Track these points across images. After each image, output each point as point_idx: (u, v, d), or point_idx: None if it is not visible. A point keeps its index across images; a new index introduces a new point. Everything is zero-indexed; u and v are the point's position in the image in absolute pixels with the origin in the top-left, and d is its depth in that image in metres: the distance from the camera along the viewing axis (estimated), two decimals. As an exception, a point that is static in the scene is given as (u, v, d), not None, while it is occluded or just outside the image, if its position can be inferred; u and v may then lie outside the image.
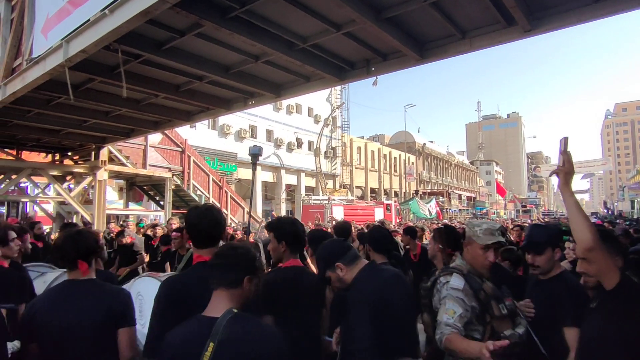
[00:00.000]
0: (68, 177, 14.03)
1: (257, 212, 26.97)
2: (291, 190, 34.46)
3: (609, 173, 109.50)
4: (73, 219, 13.31)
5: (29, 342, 2.09)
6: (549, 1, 5.07)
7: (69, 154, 13.79)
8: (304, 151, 35.28)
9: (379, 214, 25.53)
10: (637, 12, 5.14)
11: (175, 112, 10.04)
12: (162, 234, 7.37)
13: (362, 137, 49.51)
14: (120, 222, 12.11)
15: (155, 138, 18.21)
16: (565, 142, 1.90)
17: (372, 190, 44.01)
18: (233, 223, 17.49)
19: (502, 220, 24.50)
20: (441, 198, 42.09)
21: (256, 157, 5.65)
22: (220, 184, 21.05)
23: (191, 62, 6.94)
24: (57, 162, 13.73)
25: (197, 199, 18.66)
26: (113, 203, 18.71)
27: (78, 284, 2.15)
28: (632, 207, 43.44)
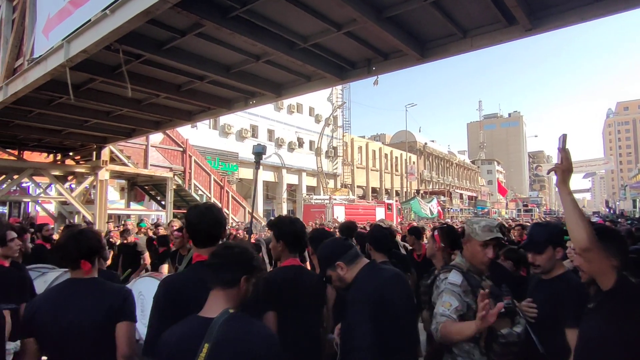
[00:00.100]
0: (69, 177, 14.06)
1: (259, 211, 26.99)
2: (292, 189, 34.44)
3: (611, 172, 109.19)
4: (75, 219, 13.34)
5: (28, 339, 2.06)
6: (549, 0, 5.06)
7: (71, 154, 13.83)
8: (305, 151, 35.26)
9: (380, 214, 25.47)
10: (638, 11, 5.12)
11: (176, 112, 10.06)
12: (160, 235, 7.35)
13: (364, 137, 49.44)
14: (122, 222, 12.11)
15: (156, 138, 18.25)
16: (564, 139, 1.88)
17: (374, 190, 43.96)
18: (234, 223, 17.50)
19: (503, 219, 24.46)
20: (442, 197, 42.07)
21: (260, 155, 5.54)
22: (222, 184, 21.08)
23: (192, 62, 6.95)
24: (59, 162, 13.77)
25: (198, 198, 18.70)
26: (114, 203, 18.71)
27: (80, 283, 2.14)
28: (634, 207, 43.33)
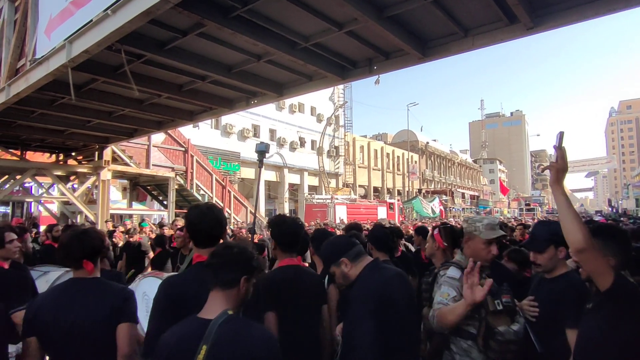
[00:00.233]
0: (72, 177, 14.10)
1: (261, 211, 27.01)
2: (294, 189, 34.43)
3: (614, 171, 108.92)
4: (77, 219, 13.39)
5: (29, 339, 2.06)
6: (551, -1, 5.06)
7: (73, 154, 13.85)
8: (306, 150, 35.25)
9: (382, 213, 25.49)
10: (640, 9, 5.10)
11: (178, 112, 10.08)
12: (157, 235, 7.34)
13: (365, 136, 49.40)
14: (122, 222, 12.14)
15: (158, 138, 18.24)
16: (561, 136, 1.85)
17: (375, 189, 43.93)
18: (237, 222, 17.52)
19: (505, 218, 24.41)
20: (444, 197, 42.00)
21: (262, 154, 5.47)
22: (224, 184, 21.08)
23: (194, 62, 6.95)
24: (61, 162, 13.80)
25: (200, 198, 18.70)
26: (117, 203, 18.79)
27: (82, 283, 2.14)
28: (637, 205, 43.26)
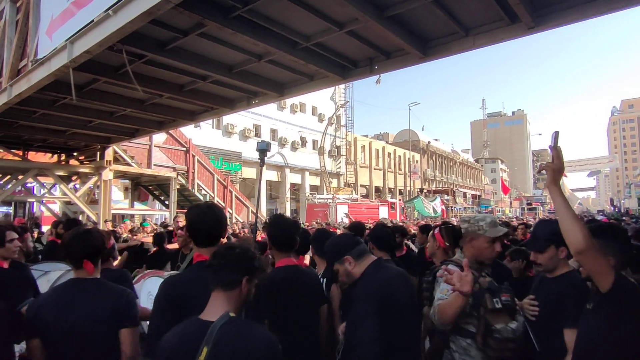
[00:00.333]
0: (74, 177, 14.13)
1: (262, 211, 27.02)
2: (295, 189, 34.44)
3: (616, 170, 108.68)
4: (79, 219, 13.42)
5: (32, 339, 2.08)
6: (552, -2, 5.05)
7: (75, 154, 13.89)
8: (308, 150, 35.25)
9: (383, 213, 25.47)
10: (642, 8, 5.08)
11: (179, 112, 10.09)
12: (156, 233, 7.30)
13: (367, 136, 49.40)
14: (122, 222, 12.16)
15: (159, 138, 18.31)
16: (556, 136, 1.82)
17: (377, 189, 43.90)
18: (239, 222, 17.53)
19: (507, 218, 24.40)
20: (446, 196, 41.89)
21: (264, 152, 5.47)
22: (225, 183, 21.13)
23: (195, 62, 6.97)
24: (63, 163, 13.83)
25: (201, 198, 18.75)
26: (118, 203, 18.82)
27: (82, 283, 2.15)
28: (639, 205, 43.13)
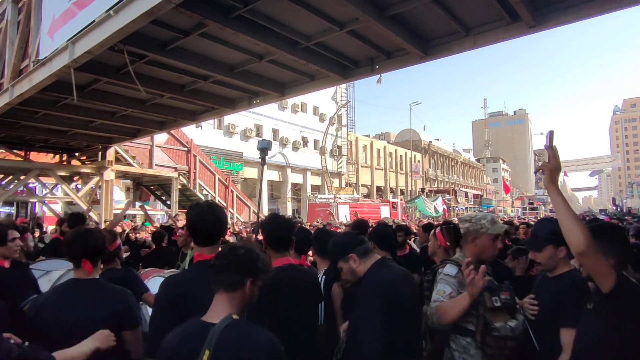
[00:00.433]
0: (75, 178, 14.18)
1: (263, 210, 27.03)
2: (297, 189, 34.45)
3: (618, 170, 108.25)
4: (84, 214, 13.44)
5: (34, 340, 2.07)
6: (553, -3, 5.04)
7: (76, 154, 13.93)
8: (309, 150, 35.26)
9: (385, 212, 25.43)
10: (644, 7, 5.06)
11: (180, 112, 10.11)
12: (155, 231, 7.25)
13: (368, 136, 49.36)
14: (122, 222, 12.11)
15: (161, 138, 18.33)
16: (550, 136, 1.82)
17: (378, 189, 43.88)
18: (241, 223, 17.54)
19: (509, 217, 24.35)
20: (447, 196, 41.84)
21: (265, 151, 5.35)
22: (226, 183, 21.15)
23: (196, 62, 6.98)
24: (65, 163, 13.87)
25: (203, 198, 18.75)
26: (120, 203, 18.83)
27: (81, 284, 2.15)
28: (642, 204, 42.98)
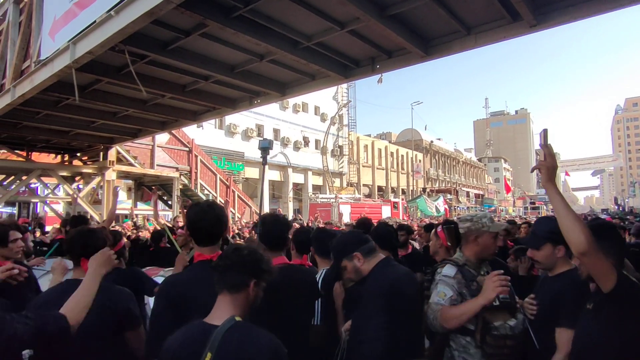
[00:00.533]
0: (77, 178, 14.21)
1: (265, 210, 27.04)
2: (298, 188, 34.45)
3: (620, 169, 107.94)
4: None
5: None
6: (554, -5, 5.03)
7: (78, 154, 13.96)
8: (310, 150, 35.27)
9: (386, 212, 25.43)
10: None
11: (181, 112, 10.12)
12: (155, 230, 7.22)
13: (369, 135, 49.33)
14: (122, 222, 12.16)
15: (162, 138, 18.34)
16: (545, 134, 1.80)
17: (380, 188, 43.86)
18: (238, 221, 17.53)
19: (510, 217, 24.31)
20: (449, 195, 41.86)
21: (266, 150, 5.29)
22: (228, 183, 21.14)
23: (196, 62, 6.98)
24: (66, 163, 13.90)
25: (204, 198, 18.76)
26: (121, 203, 18.83)
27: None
28: (644, 203, 42.87)
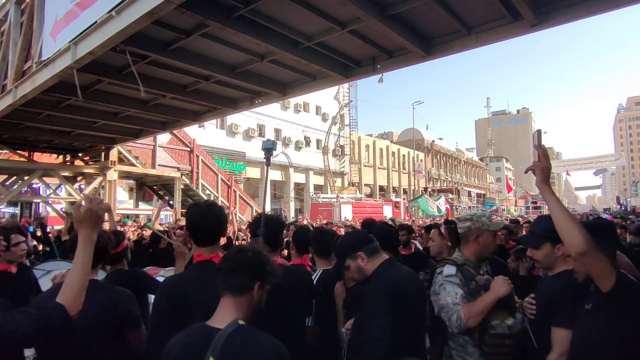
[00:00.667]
0: (79, 178, 14.22)
1: (266, 211, 26.94)
2: (300, 188, 34.45)
3: (622, 168, 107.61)
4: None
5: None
6: (555, -6, 5.02)
7: (80, 154, 13.98)
8: (312, 149, 35.28)
9: (387, 212, 25.42)
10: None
11: (182, 112, 10.12)
12: (154, 232, 7.21)
13: (371, 135, 49.31)
14: (121, 222, 12.14)
15: (164, 138, 18.37)
16: (538, 135, 1.81)
17: (381, 188, 43.85)
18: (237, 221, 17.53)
19: (513, 217, 24.29)
20: (450, 195, 41.88)
21: (270, 151, 5.27)
22: (229, 183, 21.16)
23: (197, 62, 6.98)
24: (68, 163, 13.93)
25: (206, 198, 18.78)
26: (123, 203, 18.93)
27: None
28: (646, 203, 42.74)
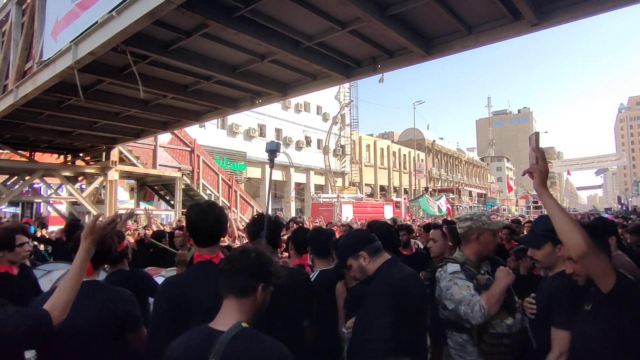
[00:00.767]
0: (80, 178, 14.24)
1: (268, 211, 26.93)
2: (300, 188, 34.45)
3: (623, 168, 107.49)
4: (85, 219, 13.52)
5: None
6: (556, -6, 5.01)
7: (81, 154, 13.99)
8: (312, 149, 35.27)
9: (388, 212, 25.41)
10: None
11: (183, 112, 10.14)
12: (156, 231, 7.20)
13: (372, 135, 49.30)
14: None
15: (164, 138, 18.37)
16: (536, 137, 1.79)
17: (382, 188, 43.82)
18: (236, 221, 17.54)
19: (514, 216, 24.26)
20: (451, 195, 41.84)
21: (274, 153, 5.16)
22: (230, 183, 21.16)
23: (198, 63, 6.99)
24: (69, 163, 13.94)
25: (206, 198, 18.78)
26: (124, 203, 18.92)
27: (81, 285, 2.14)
28: (647, 203, 42.68)
